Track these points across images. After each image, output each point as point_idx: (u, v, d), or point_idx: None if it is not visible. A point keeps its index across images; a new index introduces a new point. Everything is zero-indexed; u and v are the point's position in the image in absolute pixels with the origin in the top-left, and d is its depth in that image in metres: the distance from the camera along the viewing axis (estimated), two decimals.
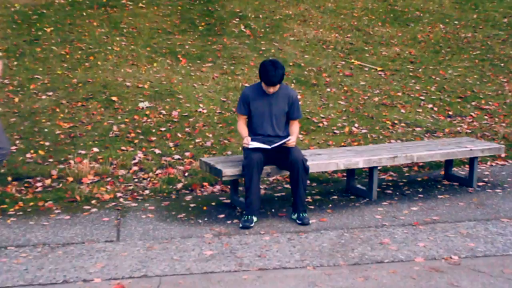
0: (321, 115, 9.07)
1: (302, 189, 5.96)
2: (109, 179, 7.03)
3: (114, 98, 8.87)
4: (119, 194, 6.73)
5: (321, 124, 8.81)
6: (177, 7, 12.60)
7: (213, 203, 6.56)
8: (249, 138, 6.03)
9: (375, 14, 14.15)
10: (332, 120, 8.97)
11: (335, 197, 6.86)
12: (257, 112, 6.13)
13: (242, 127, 6.26)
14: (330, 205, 6.54)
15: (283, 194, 6.96)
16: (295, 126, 6.24)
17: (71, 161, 7.26)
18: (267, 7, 13.31)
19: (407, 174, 7.86)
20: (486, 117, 9.85)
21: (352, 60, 11.45)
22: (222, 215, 6.20)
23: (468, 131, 9.19)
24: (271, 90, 6.03)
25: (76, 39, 10.65)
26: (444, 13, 14.82)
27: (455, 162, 7.83)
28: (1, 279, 4.68)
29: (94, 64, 9.90)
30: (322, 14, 13.59)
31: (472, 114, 9.90)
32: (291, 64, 10.80)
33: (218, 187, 7.06)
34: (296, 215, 6.01)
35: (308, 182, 7.19)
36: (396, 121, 9.22)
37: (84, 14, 11.64)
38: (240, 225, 5.86)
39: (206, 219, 6.10)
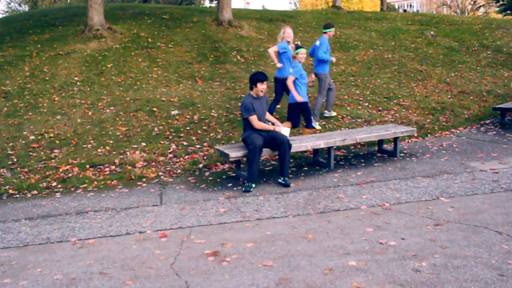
0: None
1: (287, 160, 5.94)
2: (153, 163, 6.98)
3: (154, 109, 8.79)
4: (160, 173, 6.68)
5: None
6: (194, 46, 12.50)
7: (224, 177, 6.52)
8: (278, 126, 6.24)
9: None
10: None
11: (306, 168, 6.83)
12: (257, 112, 6.03)
13: (261, 124, 6.06)
14: (303, 174, 6.51)
15: (271, 168, 6.91)
16: (270, 116, 6.45)
17: (128, 153, 7.22)
18: (255, 43, 13.21)
19: (353, 150, 7.82)
20: (403, 110, 9.81)
21: (313, 75, 11.36)
22: (230, 184, 6.16)
23: (392, 120, 9.15)
24: (264, 87, 6.00)
25: (127, 71, 10.55)
26: (373, 42, 14.75)
27: (385, 141, 7.80)
28: (85, 233, 4.67)
29: (140, 87, 9.81)
30: None
31: (394, 108, 9.85)
32: (272, 80, 10.69)
33: (227, 165, 7.01)
34: (282, 178, 5.98)
35: None
36: (344, 115, 9.17)
37: (132, 54, 11.53)
38: (243, 189, 5.82)
39: (219, 187, 6.07)
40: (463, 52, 14.68)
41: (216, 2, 27.65)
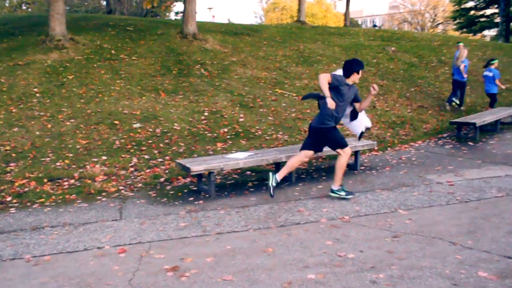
0: (257, 127, 9.07)
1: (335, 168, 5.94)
2: (114, 177, 6.87)
3: (116, 122, 8.69)
4: (121, 187, 6.59)
5: (257, 133, 8.80)
6: (158, 58, 12.45)
7: (185, 191, 6.48)
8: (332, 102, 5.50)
9: (291, 59, 14.25)
10: (264, 130, 8.97)
11: (268, 182, 6.85)
12: (342, 97, 5.66)
13: (327, 84, 5.51)
14: (264, 188, 6.52)
15: (232, 182, 6.91)
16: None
17: (88, 166, 7.09)
18: (219, 56, 13.27)
19: (314, 164, 7.91)
20: None
21: (277, 90, 11.49)
22: (192, 198, 6.12)
23: (354, 133, 9.31)
24: (359, 78, 5.78)
25: (89, 83, 10.41)
26: (336, 57, 15.03)
27: None
28: (41, 249, 4.55)
29: (102, 99, 9.69)
30: (256, 59, 13.61)
31: None
32: (236, 94, 10.77)
33: (188, 179, 6.97)
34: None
35: (249, 172, 7.23)
36: (306, 129, 9.26)
37: (95, 65, 11.40)
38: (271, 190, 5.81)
39: (180, 201, 6.02)
40: (422, 67, 15.14)
41: (181, 15, 27.65)
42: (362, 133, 6.40)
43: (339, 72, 5.91)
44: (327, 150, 6.93)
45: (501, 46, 22.19)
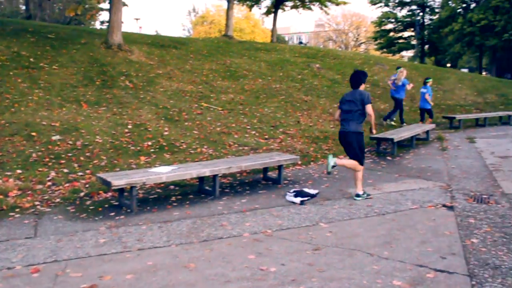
0: (181, 141, 9.00)
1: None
2: (29, 192, 6.52)
3: (33, 134, 8.28)
4: (37, 203, 6.26)
5: (181, 147, 8.73)
6: (81, 68, 12.06)
7: (106, 205, 6.28)
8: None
9: (217, 73, 14.33)
10: (189, 144, 8.92)
11: (191, 196, 6.80)
12: None
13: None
14: (188, 202, 6.48)
15: (155, 196, 6.80)
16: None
17: (0, 181, 6.70)
18: (144, 68, 13.08)
19: (239, 178, 7.96)
20: (289, 138, 10.23)
21: (202, 103, 11.49)
22: (113, 213, 5.95)
23: (278, 148, 9.50)
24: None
25: (4, 92, 9.86)
26: (262, 72, 15.29)
27: (269, 169, 8.04)
28: None
29: (18, 109, 9.21)
30: (182, 73, 13.55)
31: (280, 137, 10.24)
32: (161, 107, 10.65)
33: (110, 194, 6.76)
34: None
35: (172, 187, 7.15)
36: (231, 143, 9.34)
37: (11, 73, 10.83)
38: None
39: (101, 217, 5.83)
40: (345, 84, 15.74)
41: (106, 24, 27.01)
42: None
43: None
44: (250, 164, 7.02)
45: (417, 66, 23.63)
